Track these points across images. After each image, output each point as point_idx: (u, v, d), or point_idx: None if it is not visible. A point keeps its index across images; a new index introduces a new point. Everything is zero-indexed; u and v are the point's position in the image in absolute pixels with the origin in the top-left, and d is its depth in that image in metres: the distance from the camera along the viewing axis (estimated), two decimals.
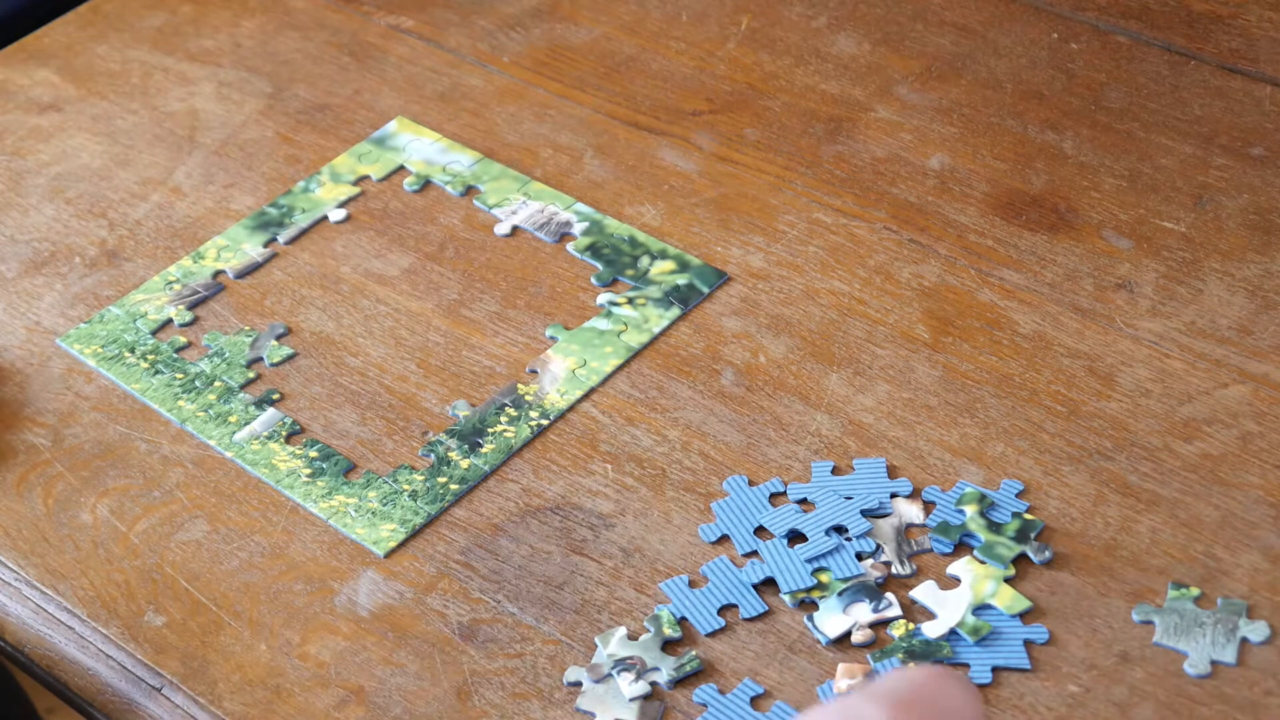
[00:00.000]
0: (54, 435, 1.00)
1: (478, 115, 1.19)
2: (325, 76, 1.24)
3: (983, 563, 0.88)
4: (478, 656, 0.87)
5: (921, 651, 0.84)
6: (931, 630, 0.85)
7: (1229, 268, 1.03)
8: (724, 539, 0.91)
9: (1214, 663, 0.83)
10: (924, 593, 0.87)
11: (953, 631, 0.85)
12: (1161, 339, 0.99)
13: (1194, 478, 0.92)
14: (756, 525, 0.91)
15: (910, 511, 0.91)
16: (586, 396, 0.99)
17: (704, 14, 1.26)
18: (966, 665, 0.84)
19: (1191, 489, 0.91)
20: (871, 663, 0.85)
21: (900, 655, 0.84)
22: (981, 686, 0.83)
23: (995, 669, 0.84)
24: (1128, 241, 1.05)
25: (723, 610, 0.88)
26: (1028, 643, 0.85)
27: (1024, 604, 0.86)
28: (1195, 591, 0.86)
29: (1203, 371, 0.97)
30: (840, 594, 0.87)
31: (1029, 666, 0.84)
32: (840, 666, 0.84)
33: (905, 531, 0.90)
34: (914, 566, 0.88)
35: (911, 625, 0.86)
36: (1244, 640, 0.84)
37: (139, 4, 1.32)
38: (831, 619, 0.86)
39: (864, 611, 0.86)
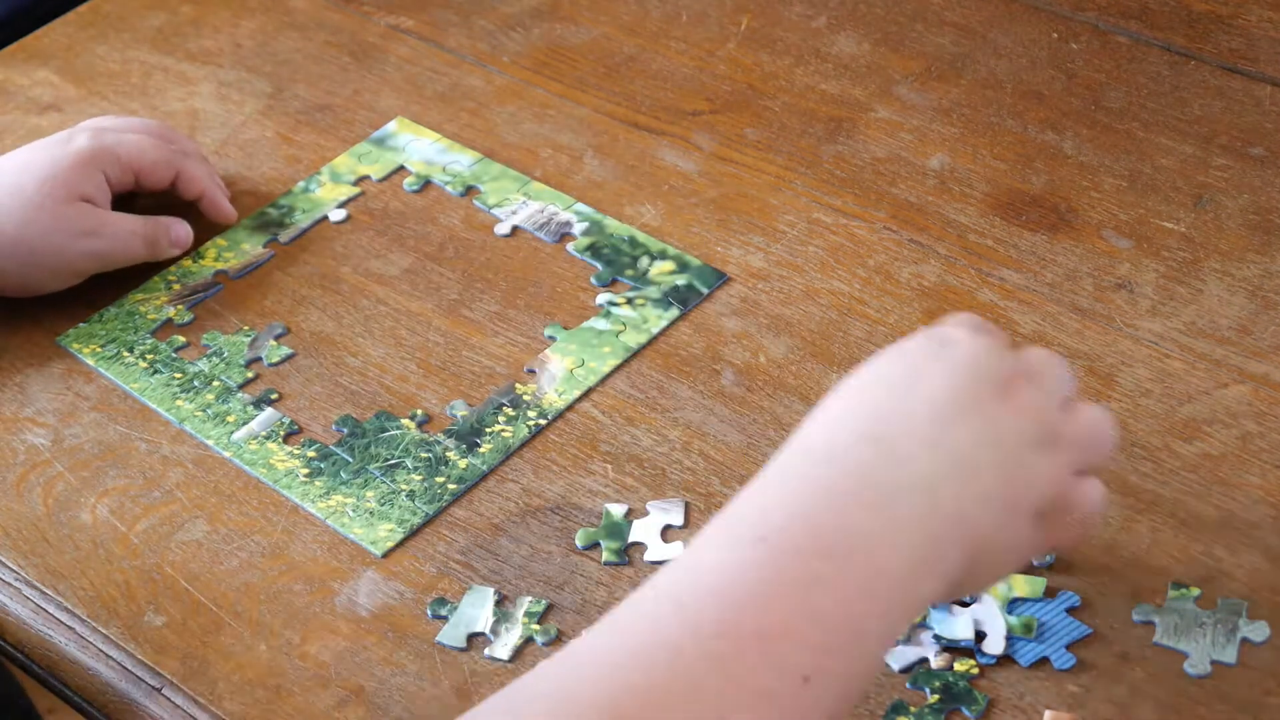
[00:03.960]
0: (54, 435, 1.00)
1: (478, 115, 1.19)
2: (325, 76, 1.24)
3: None
4: (478, 656, 0.87)
5: (960, 692, 0.83)
6: (991, 647, 0.84)
7: (1229, 268, 1.03)
8: None
9: (1214, 663, 0.83)
10: (954, 626, 0.85)
11: (1008, 638, 0.84)
12: (1161, 339, 0.99)
13: (1194, 478, 0.92)
14: None
15: None
16: (584, 396, 0.99)
17: (704, 14, 1.26)
18: (1047, 660, 0.83)
19: (1191, 489, 0.91)
20: (919, 689, 0.83)
21: (936, 696, 0.82)
22: (1066, 671, 0.83)
23: (1068, 647, 0.84)
24: (1128, 241, 1.05)
25: None
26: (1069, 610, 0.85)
27: (1041, 581, 0.86)
28: (1195, 591, 0.86)
29: (1203, 371, 0.97)
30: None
31: (1089, 630, 0.84)
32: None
33: None
34: None
35: (971, 664, 0.84)
36: (1244, 640, 0.84)
37: (139, 4, 1.32)
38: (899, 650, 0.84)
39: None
